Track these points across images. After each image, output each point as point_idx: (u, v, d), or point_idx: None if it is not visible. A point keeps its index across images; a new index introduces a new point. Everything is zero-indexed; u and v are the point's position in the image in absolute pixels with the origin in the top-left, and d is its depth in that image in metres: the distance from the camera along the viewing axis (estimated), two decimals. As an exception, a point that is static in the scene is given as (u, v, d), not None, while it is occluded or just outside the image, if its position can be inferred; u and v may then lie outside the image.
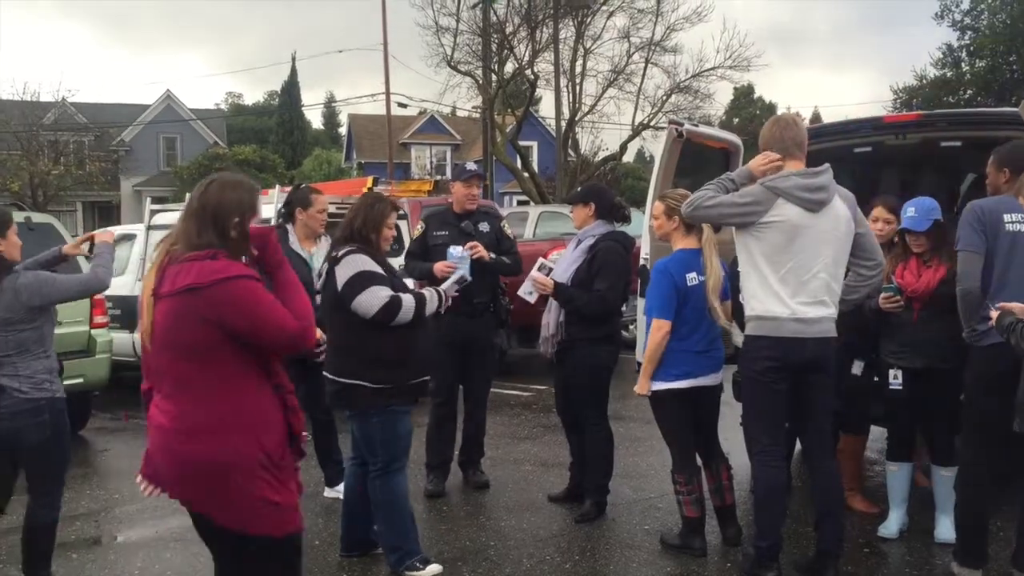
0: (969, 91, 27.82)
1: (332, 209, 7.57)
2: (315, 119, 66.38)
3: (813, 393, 4.19)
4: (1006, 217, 4.06)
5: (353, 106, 70.27)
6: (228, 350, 2.72)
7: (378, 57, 29.19)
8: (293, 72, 51.33)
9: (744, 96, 58.71)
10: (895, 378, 4.66)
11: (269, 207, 8.29)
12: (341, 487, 5.79)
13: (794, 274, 4.02)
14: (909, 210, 4.68)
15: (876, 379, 4.87)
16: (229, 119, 53.92)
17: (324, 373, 4.47)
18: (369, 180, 9.08)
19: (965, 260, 4.08)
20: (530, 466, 6.38)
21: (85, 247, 4.70)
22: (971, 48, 28.29)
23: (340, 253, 4.39)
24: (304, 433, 2.99)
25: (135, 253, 9.76)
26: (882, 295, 4.60)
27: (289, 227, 5.66)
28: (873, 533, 4.88)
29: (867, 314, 4.68)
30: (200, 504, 2.81)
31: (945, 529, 4.66)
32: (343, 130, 56.70)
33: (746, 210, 4.05)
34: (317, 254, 5.66)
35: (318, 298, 4.46)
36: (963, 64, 28.76)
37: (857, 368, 4.90)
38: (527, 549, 4.83)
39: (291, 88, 51.60)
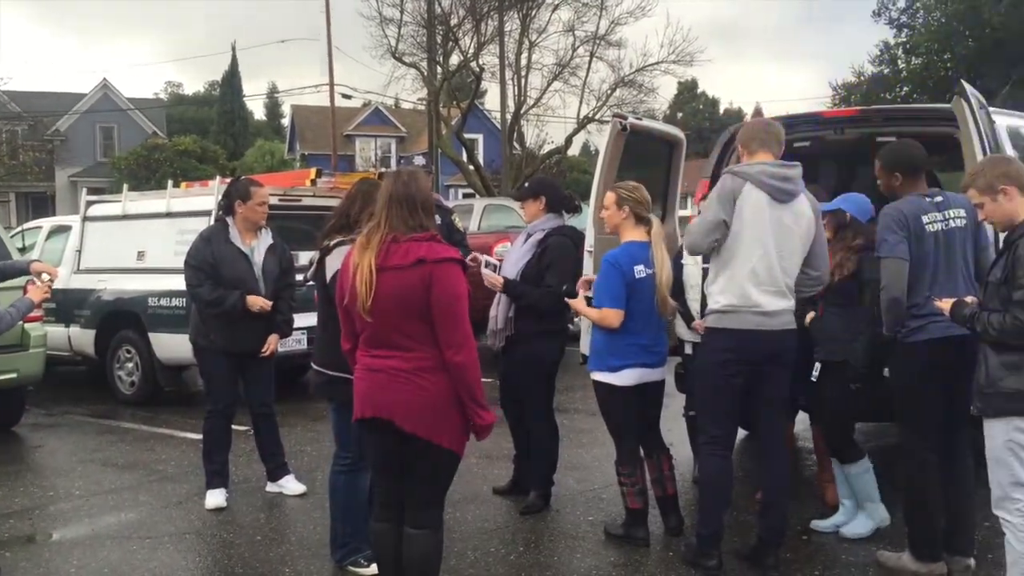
0: (906, 88, 28.38)
1: (274, 201, 7.50)
2: (257, 110, 65.44)
3: (770, 385, 4.25)
4: (924, 219, 4.16)
5: (296, 97, 69.72)
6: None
7: (321, 47, 28.79)
8: (234, 62, 50.54)
9: (688, 90, 59.37)
10: (815, 371, 4.75)
11: (209, 199, 8.18)
12: (284, 481, 5.77)
13: (759, 264, 4.09)
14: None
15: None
16: (169, 109, 52.89)
17: (312, 364, 4.51)
18: (312, 172, 8.98)
19: (892, 268, 4.11)
20: (475, 459, 6.37)
21: (45, 276, 4.79)
22: (907, 46, 28.85)
23: (332, 243, 4.34)
24: None
25: (70, 245, 9.53)
26: None
27: (229, 220, 5.56)
28: (809, 522, 4.96)
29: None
30: (425, 428, 3.34)
31: (852, 524, 4.81)
32: (286, 121, 56.07)
33: (723, 204, 4.11)
34: (258, 247, 5.58)
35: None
36: (900, 61, 29.31)
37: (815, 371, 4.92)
38: (472, 541, 4.83)
39: (232, 78, 50.78)
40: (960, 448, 4.24)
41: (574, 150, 29.51)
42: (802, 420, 6.09)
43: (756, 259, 4.08)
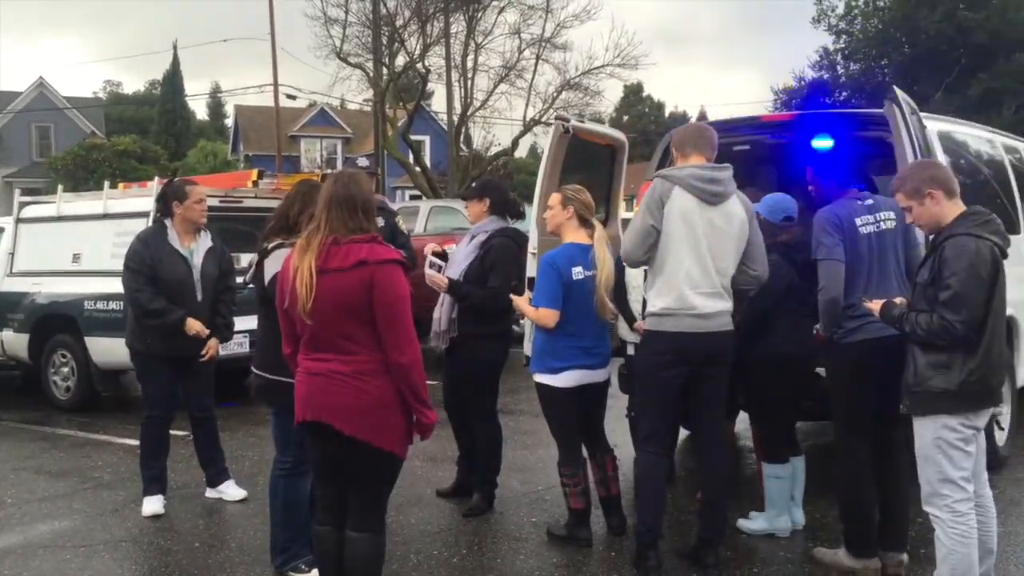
0: (845, 93, 29.01)
1: (215, 203, 7.39)
2: (200, 110, 64.61)
3: (708, 385, 4.29)
4: (858, 221, 4.26)
5: (239, 97, 68.80)
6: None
7: (265, 47, 28.49)
8: (175, 61, 49.59)
9: (634, 94, 59.78)
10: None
11: (147, 200, 8.03)
12: (224, 487, 5.69)
13: (692, 267, 4.13)
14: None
15: None
16: (108, 108, 51.85)
17: (252, 368, 4.45)
18: (254, 173, 8.88)
19: (829, 269, 4.20)
20: (419, 461, 6.35)
21: None
22: (846, 52, 29.52)
23: (271, 245, 4.28)
24: None
25: (2, 248, 9.28)
26: None
27: (167, 222, 5.47)
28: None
29: None
30: (365, 432, 3.33)
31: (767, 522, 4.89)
32: (229, 121, 55.28)
33: (651, 209, 4.15)
34: (197, 250, 5.49)
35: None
36: (839, 67, 29.97)
37: None
38: (414, 545, 4.81)
39: (173, 77, 49.81)
40: (894, 446, 4.32)
41: (521, 152, 29.70)
42: (743, 419, 6.17)
43: (689, 262, 4.13)
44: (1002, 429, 6.09)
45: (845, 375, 4.27)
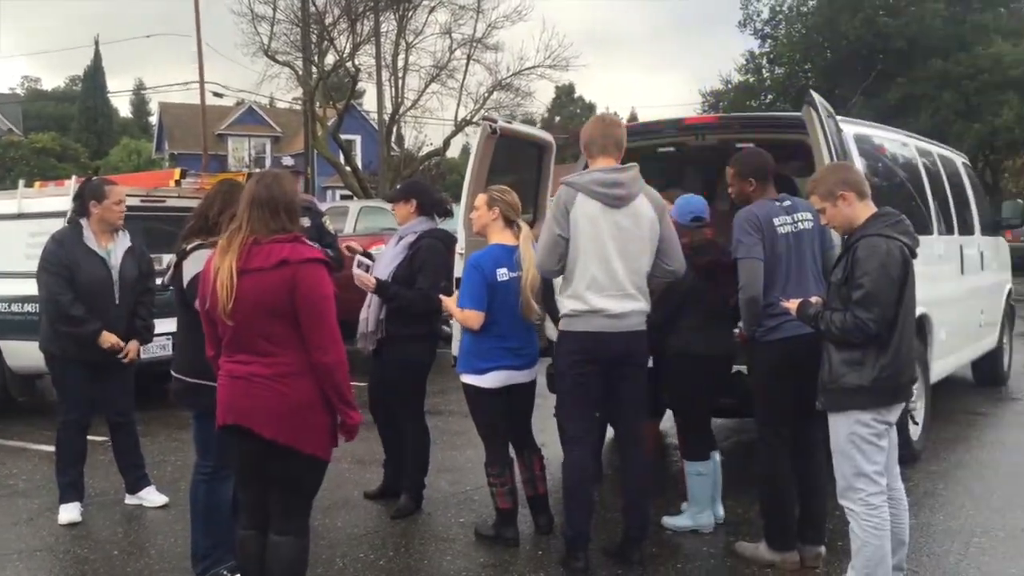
0: (770, 96, 29.63)
1: (136, 202, 7.23)
2: (123, 107, 62.93)
3: (624, 385, 4.33)
4: (776, 221, 4.36)
5: (164, 94, 67.18)
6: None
7: (190, 44, 28.04)
8: (97, 56, 48.37)
9: (566, 95, 60.15)
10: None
11: (64, 200, 7.80)
12: (144, 493, 5.57)
13: (599, 272, 4.15)
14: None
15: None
16: (26, 105, 50.26)
17: (171, 371, 4.35)
18: (177, 172, 8.69)
19: (749, 268, 4.29)
20: (347, 464, 6.29)
21: None
22: (771, 56, 30.14)
23: (189, 246, 4.19)
24: None
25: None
26: None
27: (83, 222, 5.32)
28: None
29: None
30: (286, 435, 3.28)
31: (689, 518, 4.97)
32: (154, 119, 54.05)
33: (557, 219, 4.18)
34: (115, 250, 5.36)
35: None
36: (764, 70, 30.59)
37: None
38: (340, 548, 4.77)
39: (95, 73, 48.57)
40: (812, 442, 4.42)
41: (453, 152, 29.65)
42: (670, 417, 6.26)
43: (595, 268, 4.15)
44: (916, 424, 6.28)
45: (765, 373, 4.37)
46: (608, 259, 4.15)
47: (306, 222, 5.77)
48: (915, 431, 6.24)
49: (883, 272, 3.59)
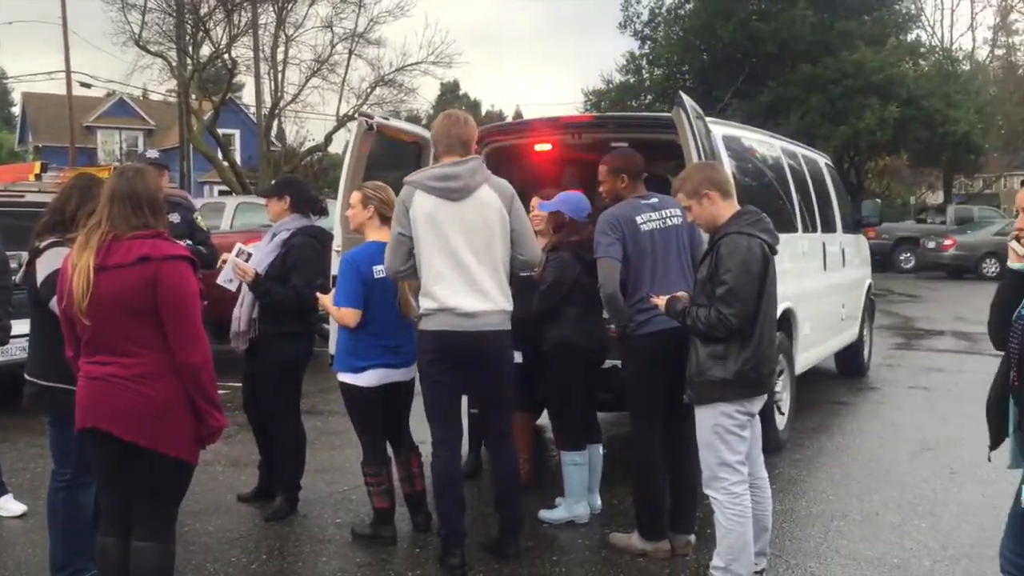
0: (650, 96, 30.27)
1: (-9, 197, 6.85)
2: (-19, 97, 59.55)
3: (485, 385, 4.34)
4: (639, 219, 4.47)
5: (28, 84, 63.97)
6: None
7: (56, 31, 26.71)
8: (-47, 42, 45.68)
9: (450, 92, 60.08)
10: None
11: (-88, 194, 7.35)
12: (1, 501, 5.30)
13: (447, 265, 4.12)
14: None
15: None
16: None
17: (25, 374, 4.14)
18: (37, 166, 8.29)
19: (606, 267, 4.41)
20: (221, 466, 6.14)
21: None
22: (650, 57, 30.78)
23: (43, 244, 3.99)
24: None
25: None
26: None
27: (-69, 216, 5.02)
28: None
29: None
30: (148, 437, 3.18)
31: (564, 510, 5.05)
32: (17, 110, 51.35)
33: (399, 218, 4.18)
34: (-34, 247, 5.07)
35: None
36: (644, 71, 31.22)
37: (518, 357, 5.09)
38: (212, 553, 4.64)
39: (-49, 60, 45.86)
40: (683, 434, 4.53)
41: (336, 147, 29.19)
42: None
43: (440, 263, 4.13)
44: (782, 414, 6.55)
45: (637, 367, 4.47)
46: (456, 253, 4.11)
47: (175, 218, 5.61)
48: (781, 421, 6.51)
49: (744, 269, 3.72)
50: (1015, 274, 3.06)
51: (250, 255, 5.13)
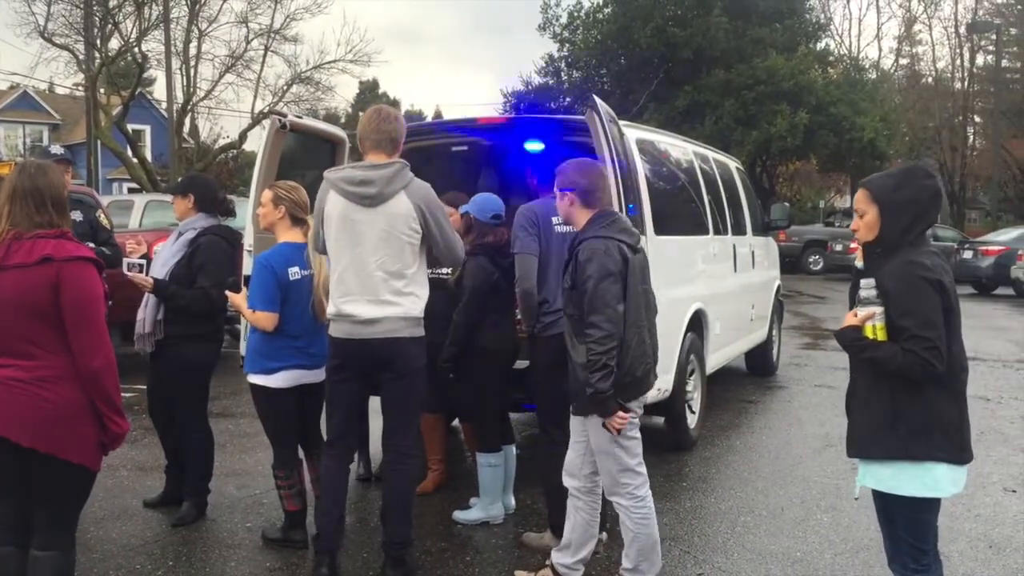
0: (568, 98, 30.51)
1: None
2: None
3: (386, 392, 4.21)
4: (553, 219, 4.50)
5: (-75, 74, 61.24)
6: None
7: (-45, 20, 25.62)
8: None
9: (370, 91, 59.61)
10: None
11: None
12: None
13: (351, 272, 4.02)
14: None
15: None
16: None
17: None
18: (-68, 160, 7.94)
19: (523, 262, 4.44)
20: (127, 471, 5.98)
21: None
22: (569, 60, 31.05)
23: None
24: None
25: None
26: None
27: None
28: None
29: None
30: (47, 443, 3.08)
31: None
32: (-89, 101, 49.08)
33: (316, 214, 4.14)
34: None
35: None
36: (563, 74, 31.47)
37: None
38: (115, 560, 4.51)
39: None
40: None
41: (251, 145, 28.61)
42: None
43: (342, 268, 4.04)
44: (693, 412, 6.68)
45: (544, 368, 4.50)
46: (362, 258, 3.99)
47: (77, 216, 5.44)
48: (692, 419, 6.63)
49: (603, 273, 3.62)
50: (859, 272, 3.22)
51: (142, 266, 4.98)
